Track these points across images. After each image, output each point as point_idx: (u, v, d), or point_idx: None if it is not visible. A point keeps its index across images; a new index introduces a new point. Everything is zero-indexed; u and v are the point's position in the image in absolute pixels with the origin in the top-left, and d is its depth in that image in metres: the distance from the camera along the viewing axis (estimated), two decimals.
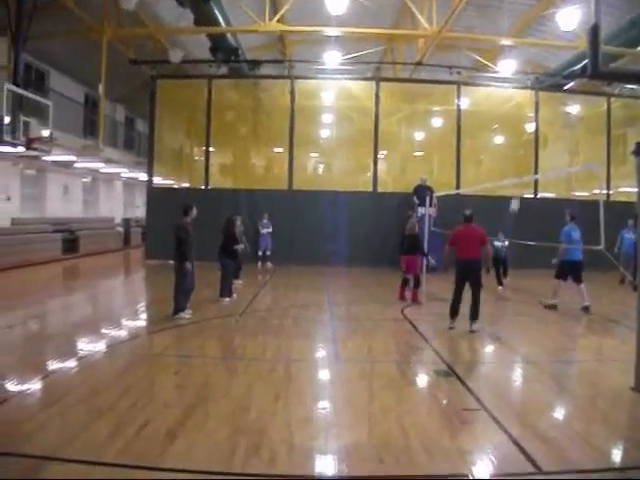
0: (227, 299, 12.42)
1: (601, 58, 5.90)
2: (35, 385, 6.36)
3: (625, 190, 21.42)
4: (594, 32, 6.03)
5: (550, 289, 12.26)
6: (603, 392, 6.72)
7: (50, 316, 11.42)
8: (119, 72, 21.29)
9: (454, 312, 10.06)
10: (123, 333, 9.67)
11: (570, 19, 18.31)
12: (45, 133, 17.75)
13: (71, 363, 7.31)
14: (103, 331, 9.67)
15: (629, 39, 17.75)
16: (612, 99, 22.62)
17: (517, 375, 7.77)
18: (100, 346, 8.48)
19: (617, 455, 5.04)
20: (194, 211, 11.02)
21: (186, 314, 10.55)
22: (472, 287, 9.98)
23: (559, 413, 6.17)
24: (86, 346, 8.52)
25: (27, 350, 8.20)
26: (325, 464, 4.58)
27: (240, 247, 13.12)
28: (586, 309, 11.90)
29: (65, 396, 5.90)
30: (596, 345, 9.38)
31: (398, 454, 4.68)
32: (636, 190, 6.84)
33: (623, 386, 6.61)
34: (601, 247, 9.11)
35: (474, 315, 9.89)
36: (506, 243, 15.49)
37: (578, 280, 12.16)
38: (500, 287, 15.35)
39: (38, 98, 18.10)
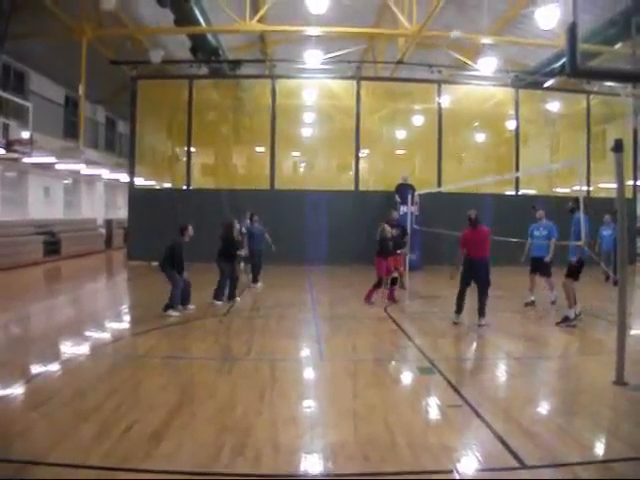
0: (220, 302, 12.31)
1: (579, 56, 5.97)
2: (19, 388, 6.33)
3: (604, 186, 21.66)
4: (572, 31, 6.11)
5: (564, 293, 10.73)
6: (586, 386, 6.82)
7: (33, 319, 11.35)
8: (99, 73, 21.14)
9: (460, 308, 10.34)
10: (107, 335, 9.63)
11: (549, 17, 18.44)
12: (25, 135, 17.62)
13: (55, 366, 7.28)
14: (87, 333, 9.63)
15: (608, 37, 17.94)
16: (591, 96, 22.83)
17: (500, 371, 7.83)
18: (84, 348, 8.46)
19: (600, 448, 5.12)
20: (190, 230, 11.24)
21: (175, 312, 10.77)
22: (479, 286, 10.30)
23: (542, 408, 6.24)
24: (70, 348, 8.50)
25: (10, 353, 8.14)
26: (311, 463, 4.60)
27: (244, 252, 13.31)
28: (553, 303, 12.36)
29: (50, 399, 5.88)
30: (579, 340, 9.48)
31: (383, 451, 4.73)
32: (615, 186, 6.92)
33: (605, 380, 6.70)
34: (581, 243, 9.24)
35: (483, 311, 10.23)
36: None
37: (547, 274, 12.51)
38: None
39: (17, 100, 17.97)
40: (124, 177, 26.30)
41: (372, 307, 12.14)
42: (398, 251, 13.45)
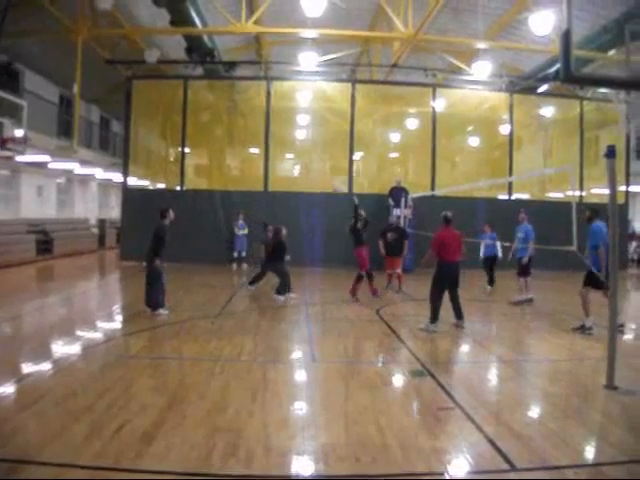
0: (282, 297, 12.96)
1: (573, 63, 6.00)
2: (10, 388, 6.32)
3: (597, 192, 21.77)
4: (566, 37, 6.14)
5: (581, 301, 10.37)
6: (576, 390, 6.85)
7: (25, 318, 11.29)
8: (94, 72, 21.12)
9: (437, 315, 10.04)
10: (99, 335, 9.60)
11: (544, 23, 18.56)
12: (19, 133, 17.55)
13: (47, 365, 7.27)
14: (79, 333, 9.63)
15: (601, 44, 18.09)
16: (585, 102, 22.94)
17: (491, 374, 7.86)
18: (76, 348, 8.44)
19: (590, 451, 5.15)
20: (171, 213, 11.34)
21: (165, 310, 10.87)
22: (453, 288, 10.21)
23: (533, 411, 6.27)
24: (62, 348, 8.49)
25: (1, 352, 8.11)
26: (302, 464, 4.61)
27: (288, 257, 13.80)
28: (529, 301, 12.90)
29: (41, 398, 5.87)
30: (570, 344, 9.51)
31: (374, 453, 4.75)
32: (607, 192, 6.98)
33: (596, 384, 6.76)
34: (573, 248, 9.28)
35: (461, 313, 10.24)
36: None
37: (524, 274, 12.95)
38: (489, 287, 15.41)
39: (12, 98, 17.90)
40: (118, 177, 26.30)
41: (364, 308, 12.18)
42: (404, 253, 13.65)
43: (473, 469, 4.58)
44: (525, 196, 23.10)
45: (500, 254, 14.82)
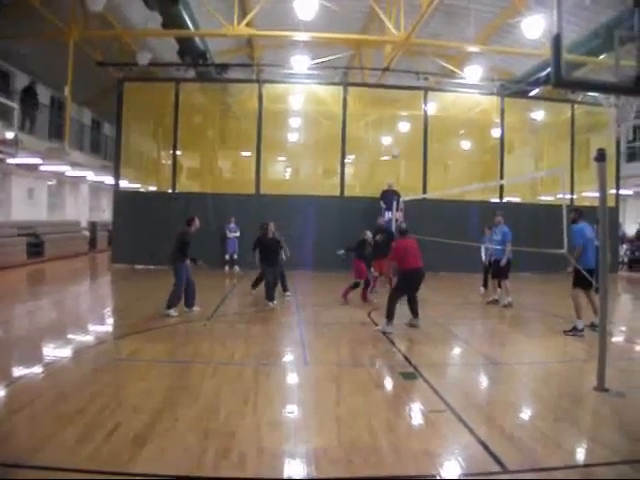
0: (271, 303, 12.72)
1: (564, 67, 6.04)
2: (1, 391, 6.29)
3: (588, 195, 21.87)
4: (556, 41, 6.17)
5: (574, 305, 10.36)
6: (567, 392, 6.88)
7: (16, 321, 11.22)
8: (86, 74, 21.04)
9: (392, 316, 10.22)
10: (90, 338, 9.58)
11: (535, 27, 18.65)
12: (10, 135, 17.51)
13: (38, 369, 7.24)
14: (70, 336, 9.59)
15: (592, 48, 18.19)
16: (576, 106, 23.04)
17: (483, 376, 7.88)
18: (67, 351, 8.42)
19: (581, 453, 5.18)
20: (197, 222, 11.60)
21: (175, 312, 11.10)
22: (414, 292, 10.58)
23: (524, 413, 6.30)
24: (53, 351, 8.45)
25: None
26: (294, 466, 4.62)
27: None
28: (508, 304, 12.97)
29: (33, 402, 5.85)
30: (561, 346, 9.55)
31: (366, 455, 4.76)
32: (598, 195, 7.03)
33: (587, 386, 6.80)
34: (563, 251, 9.33)
35: (417, 312, 10.58)
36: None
37: (501, 276, 13.11)
38: (482, 289, 15.52)
39: (3, 100, 17.85)
40: (109, 179, 26.22)
41: (355, 311, 12.20)
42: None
43: (464, 471, 4.61)
44: (516, 199, 23.16)
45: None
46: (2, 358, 7.91)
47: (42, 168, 23.85)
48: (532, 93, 23.96)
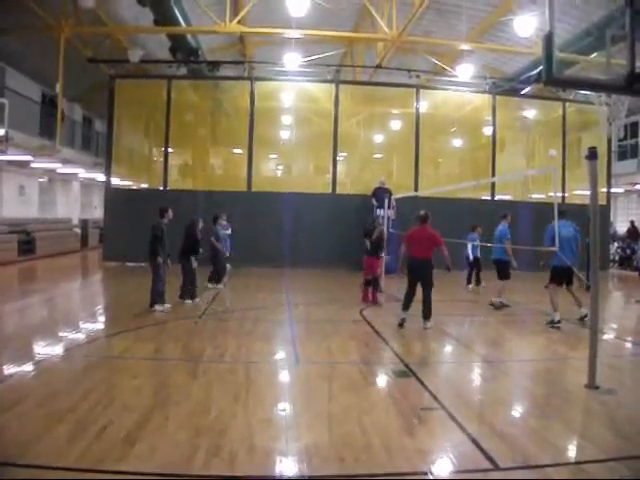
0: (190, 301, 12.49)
1: (555, 65, 6.04)
2: None
3: (579, 193, 21.94)
4: (548, 40, 6.17)
5: (549, 298, 10.98)
6: (558, 390, 6.92)
7: (6, 319, 11.17)
8: (77, 71, 20.96)
9: (406, 305, 10.36)
10: (81, 336, 9.52)
11: (527, 26, 18.71)
12: (0, 132, 17.40)
13: (29, 366, 7.22)
14: (61, 334, 9.56)
15: (583, 47, 18.20)
16: (567, 104, 23.09)
17: (474, 374, 7.92)
18: (58, 349, 8.39)
19: (572, 450, 5.22)
20: (170, 213, 11.70)
21: (161, 307, 11.20)
22: (423, 287, 10.35)
23: (515, 411, 6.33)
24: (44, 349, 8.43)
25: None
26: (286, 464, 4.61)
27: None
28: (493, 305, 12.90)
29: (23, 400, 5.82)
30: (552, 344, 9.58)
31: (358, 453, 4.76)
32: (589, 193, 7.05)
33: (577, 384, 6.82)
34: (555, 249, 9.37)
35: (426, 314, 10.25)
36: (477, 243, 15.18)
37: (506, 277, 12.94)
38: (469, 285, 15.67)
39: None
40: (100, 176, 26.08)
41: (348, 310, 12.19)
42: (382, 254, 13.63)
43: (456, 469, 4.62)
44: (508, 197, 23.22)
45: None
46: None
47: (33, 165, 23.75)
48: (524, 91, 23.99)
